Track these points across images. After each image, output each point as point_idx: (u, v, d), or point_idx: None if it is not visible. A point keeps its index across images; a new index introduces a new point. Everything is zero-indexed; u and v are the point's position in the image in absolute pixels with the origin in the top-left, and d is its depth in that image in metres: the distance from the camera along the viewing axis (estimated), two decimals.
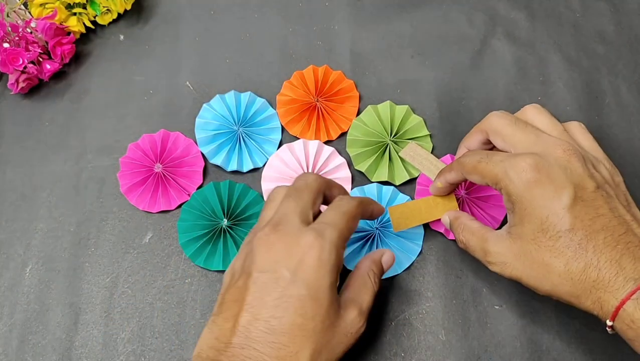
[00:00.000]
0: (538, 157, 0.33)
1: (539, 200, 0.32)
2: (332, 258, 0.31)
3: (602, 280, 0.31)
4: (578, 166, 0.33)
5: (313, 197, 0.35)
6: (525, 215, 0.33)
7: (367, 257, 0.37)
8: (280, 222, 0.33)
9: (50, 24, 0.47)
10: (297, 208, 0.33)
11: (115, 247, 0.44)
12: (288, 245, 0.31)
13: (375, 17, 0.52)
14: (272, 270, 0.31)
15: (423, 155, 0.45)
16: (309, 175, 0.37)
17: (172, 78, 0.50)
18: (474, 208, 0.44)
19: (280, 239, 0.32)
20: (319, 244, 0.31)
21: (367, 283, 0.35)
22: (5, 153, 0.48)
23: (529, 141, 0.35)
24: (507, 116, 0.37)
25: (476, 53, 0.51)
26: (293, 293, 0.30)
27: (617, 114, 0.49)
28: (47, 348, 0.42)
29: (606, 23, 0.52)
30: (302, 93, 0.48)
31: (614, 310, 0.31)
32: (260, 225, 0.35)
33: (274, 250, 0.31)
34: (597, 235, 0.31)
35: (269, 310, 0.30)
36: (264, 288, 0.30)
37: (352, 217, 0.34)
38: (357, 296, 0.34)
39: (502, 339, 0.42)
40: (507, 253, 0.34)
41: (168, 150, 0.46)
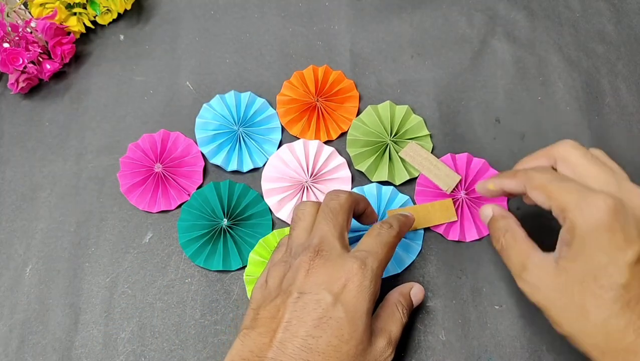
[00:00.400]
0: (619, 201, 0.31)
1: (602, 246, 0.30)
2: (372, 286, 0.33)
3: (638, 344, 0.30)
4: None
5: (347, 218, 0.36)
6: (582, 253, 0.31)
7: (396, 289, 0.38)
8: (322, 247, 0.34)
9: (50, 24, 0.47)
10: (336, 232, 0.35)
11: (115, 247, 0.44)
12: (331, 270, 0.33)
13: (375, 17, 0.52)
14: (314, 292, 0.32)
15: (423, 155, 0.45)
16: (341, 194, 0.37)
17: (172, 78, 0.50)
18: (473, 208, 0.44)
19: (323, 264, 0.33)
20: (362, 272, 0.32)
21: (396, 314, 0.36)
22: (5, 153, 0.48)
23: (605, 180, 0.33)
24: (581, 147, 0.35)
25: (476, 53, 0.51)
26: (333, 315, 0.31)
27: (617, 114, 0.49)
28: (47, 348, 0.42)
29: (606, 23, 0.52)
30: (302, 93, 0.48)
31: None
32: (294, 244, 0.35)
33: (316, 274, 0.33)
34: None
35: (307, 329, 0.31)
36: (304, 308, 0.31)
37: (391, 248, 0.35)
38: (387, 326, 0.35)
39: (502, 339, 0.42)
40: (546, 280, 0.33)
41: (168, 150, 0.46)
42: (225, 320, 0.42)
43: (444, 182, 0.44)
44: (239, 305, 0.42)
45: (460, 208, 0.44)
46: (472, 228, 0.44)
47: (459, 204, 0.44)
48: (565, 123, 0.48)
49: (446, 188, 0.44)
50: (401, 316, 0.36)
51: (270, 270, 0.36)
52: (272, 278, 0.35)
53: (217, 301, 0.43)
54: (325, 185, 0.45)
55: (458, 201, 0.44)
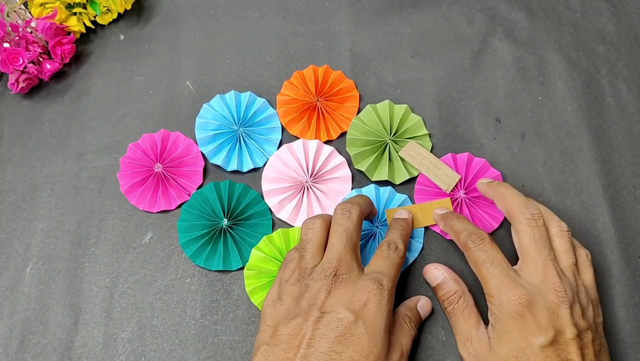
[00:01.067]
0: (531, 296, 0.35)
1: (517, 333, 0.35)
2: (388, 304, 0.35)
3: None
4: (565, 313, 0.35)
5: (359, 233, 0.39)
6: (504, 337, 0.35)
7: (404, 304, 0.40)
8: (341, 270, 0.36)
9: (50, 24, 0.47)
10: (352, 251, 0.37)
11: (115, 247, 0.44)
12: (351, 290, 0.35)
13: (375, 17, 0.52)
14: (335, 311, 0.34)
15: (423, 155, 0.45)
16: (352, 210, 0.38)
17: (172, 78, 0.50)
18: (472, 208, 0.44)
19: (344, 286, 0.35)
20: (380, 292, 0.35)
21: (404, 327, 0.38)
22: (6, 153, 0.48)
23: (536, 268, 0.36)
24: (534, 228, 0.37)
25: (476, 53, 0.51)
26: (354, 332, 0.33)
27: (617, 114, 0.49)
28: (47, 348, 0.42)
29: (606, 23, 0.52)
30: (302, 93, 0.48)
31: None
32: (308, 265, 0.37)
33: (338, 295, 0.35)
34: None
35: (330, 345, 0.33)
36: (327, 325, 0.34)
37: (399, 267, 0.38)
38: (398, 339, 0.37)
39: None
40: (483, 355, 0.36)
41: (168, 150, 0.46)
42: (225, 320, 0.42)
43: (444, 182, 0.44)
44: (239, 305, 0.43)
45: (459, 208, 0.44)
46: None
47: (458, 203, 0.44)
48: (565, 123, 0.48)
49: (446, 187, 0.44)
50: (409, 329, 0.38)
51: (285, 288, 0.37)
52: (288, 296, 0.37)
53: (217, 301, 0.43)
54: (326, 184, 0.45)
55: (457, 200, 0.44)
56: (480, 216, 0.44)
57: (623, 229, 0.45)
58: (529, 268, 0.37)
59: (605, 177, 0.46)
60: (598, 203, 0.45)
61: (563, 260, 0.37)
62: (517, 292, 0.35)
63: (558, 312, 0.35)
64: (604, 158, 0.47)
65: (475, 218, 0.44)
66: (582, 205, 0.45)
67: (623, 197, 0.46)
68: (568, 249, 0.38)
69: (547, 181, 0.46)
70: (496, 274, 0.36)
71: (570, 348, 0.34)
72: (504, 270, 0.36)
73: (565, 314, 0.35)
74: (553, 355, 0.34)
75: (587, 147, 0.47)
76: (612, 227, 0.45)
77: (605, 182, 0.46)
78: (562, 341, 0.34)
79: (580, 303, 0.36)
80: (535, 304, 0.35)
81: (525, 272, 0.37)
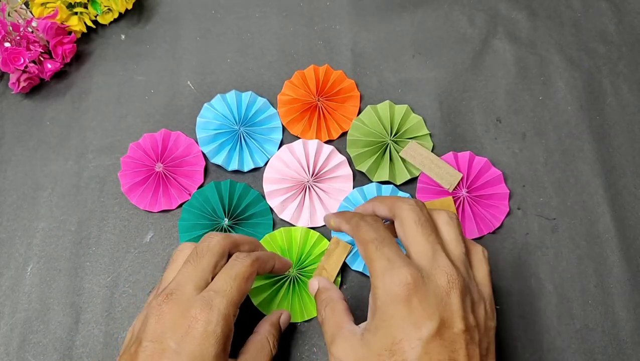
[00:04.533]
0: (420, 277, 0.31)
1: (399, 320, 0.30)
2: (219, 329, 0.31)
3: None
4: (456, 302, 0.30)
5: (214, 261, 0.34)
6: (381, 327, 0.31)
7: (266, 320, 0.38)
8: (174, 290, 0.32)
9: (51, 24, 0.47)
10: (194, 275, 0.33)
11: (116, 247, 0.44)
12: (177, 315, 0.31)
13: (376, 16, 0.52)
14: (158, 341, 0.31)
15: (424, 155, 0.45)
16: (214, 236, 0.35)
17: (173, 77, 0.50)
18: (474, 207, 0.44)
19: (171, 309, 0.32)
20: (205, 316, 0.31)
21: (266, 347, 0.36)
22: (7, 152, 0.48)
23: (424, 251, 0.32)
24: (418, 213, 0.34)
25: (477, 53, 0.51)
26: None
27: (618, 114, 0.49)
28: (48, 347, 0.42)
29: (607, 23, 0.52)
30: (303, 92, 0.48)
31: None
32: (160, 288, 0.35)
33: (163, 320, 0.31)
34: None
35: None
36: (150, 357, 0.30)
37: (243, 280, 0.33)
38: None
39: (502, 339, 0.42)
40: (350, 355, 0.32)
41: (169, 149, 0.46)
42: None
43: (446, 180, 0.44)
44: None
45: (461, 207, 0.44)
46: (472, 227, 0.44)
47: (460, 202, 0.44)
48: (566, 123, 0.48)
49: (448, 186, 0.44)
50: (271, 348, 0.36)
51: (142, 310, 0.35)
52: (137, 320, 0.34)
53: None
54: (327, 183, 0.45)
55: (459, 199, 0.44)
56: (483, 215, 0.44)
57: (624, 229, 0.45)
58: (415, 253, 0.32)
59: (606, 177, 0.46)
60: (599, 203, 0.45)
61: (453, 248, 0.33)
62: (405, 271, 0.31)
63: (447, 300, 0.30)
64: (605, 158, 0.47)
65: (478, 217, 0.44)
66: (582, 205, 0.45)
67: (624, 197, 0.46)
68: (457, 237, 0.34)
69: (548, 181, 0.46)
70: (385, 252, 0.32)
71: (456, 345, 0.30)
72: (393, 249, 0.32)
73: (455, 303, 0.30)
74: (434, 351, 0.29)
75: (588, 147, 0.47)
76: (612, 227, 0.45)
77: (606, 182, 0.46)
78: (446, 337, 0.30)
79: (471, 296, 0.32)
80: (424, 287, 0.30)
81: (413, 257, 0.32)
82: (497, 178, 0.45)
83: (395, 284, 0.30)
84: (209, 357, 0.31)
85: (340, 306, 0.35)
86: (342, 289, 0.43)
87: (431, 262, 0.32)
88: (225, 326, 0.32)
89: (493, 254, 0.44)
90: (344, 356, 0.32)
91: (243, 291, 0.33)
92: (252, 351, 0.35)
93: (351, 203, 0.44)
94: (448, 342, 0.30)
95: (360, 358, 0.31)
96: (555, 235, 0.45)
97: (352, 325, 0.34)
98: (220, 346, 0.31)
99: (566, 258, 0.44)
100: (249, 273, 0.34)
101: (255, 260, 0.35)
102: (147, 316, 0.32)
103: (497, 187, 0.45)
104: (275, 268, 0.38)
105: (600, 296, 0.43)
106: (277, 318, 0.38)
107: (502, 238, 0.44)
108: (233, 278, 0.33)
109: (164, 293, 0.32)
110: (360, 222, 0.35)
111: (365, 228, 0.34)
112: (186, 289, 0.32)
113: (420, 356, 0.29)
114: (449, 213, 0.35)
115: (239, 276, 0.33)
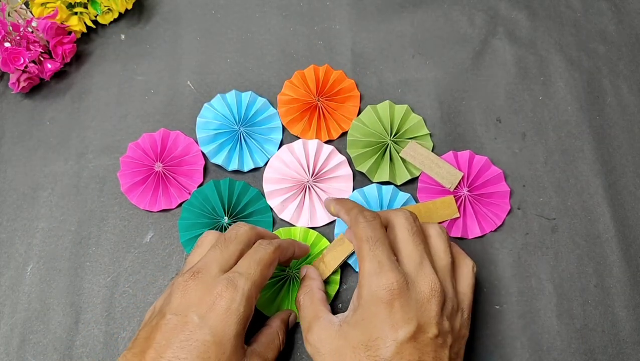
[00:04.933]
0: (405, 283, 0.33)
1: (379, 320, 0.32)
2: (241, 308, 0.33)
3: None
4: (433, 310, 0.33)
5: (240, 248, 0.36)
6: (360, 323, 0.33)
7: (278, 316, 0.40)
8: (201, 270, 0.34)
9: (51, 24, 0.47)
10: (221, 258, 0.35)
11: (116, 246, 0.44)
12: (202, 292, 0.33)
13: (376, 16, 0.52)
14: (183, 314, 0.32)
15: (424, 154, 0.45)
16: (242, 226, 0.37)
17: (173, 77, 0.50)
18: (476, 205, 0.44)
19: (196, 286, 0.33)
20: (229, 294, 0.32)
21: (276, 340, 0.37)
22: (7, 152, 0.48)
23: (413, 257, 0.34)
24: (411, 222, 0.36)
25: (477, 53, 0.51)
26: (199, 338, 0.31)
27: (618, 114, 0.49)
28: (48, 347, 0.42)
29: (607, 23, 0.52)
30: (303, 92, 0.48)
31: None
32: (184, 269, 0.36)
33: (188, 295, 0.33)
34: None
35: (174, 350, 0.31)
36: (173, 329, 0.32)
37: (266, 265, 0.35)
38: (264, 351, 0.36)
39: (502, 339, 0.42)
40: (326, 343, 0.34)
41: (168, 149, 0.46)
42: None
43: (447, 180, 0.44)
44: None
45: (463, 206, 0.44)
46: (474, 225, 0.44)
47: (461, 201, 0.44)
48: (566, 123, 0.48)
49: (449, 185, 0.44)
50: (280, 343, 0.38)
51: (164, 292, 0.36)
52: (159, 299, 0.36)
53: None
54: (327, 183, 0.45)
55: (461, 198, 0.44)
56: (484, 213, 0.44)
57: (624, 229, 0.45)
58: (404, 258, 0.35)
59: (606, 177, 0.46)
60: (599, 204, 0.45)
61: (439, 259, 0.36)
62: (392, 276, 0.33)
63: (426, 306, 0.33)
64: (605, 158, 0.47)
65: (480, 215, 0.44)
66: (582, 205, 0.45)
67: (624, 197, 0.46)
68: (445, 249, 0.36)
69: (548, 181, 0.46)
70: (377, 254, 0.34)
71: (427, 348, 0.32)
72: (385, 252, 0.34)
73: (433, 310, 0.33)
74: (406, 352, 0.32)
75: (588, 147, 0.47)
76: (612, 227, 0.45)
77: (606, 182, 0.46)
78: (420, 340, 0.32)
79: (450, 304, 0.34)
80: (407, 292, 0.33)
81: (401, 262, 0.35)
82: (497, 176, 0.45)
83: (380, 287, 0.33)
84: (230, 335, 0.32)
85: (318, 295, 0.38)
86: (341, 289, 0.43)
87: (417, 269, 0.34)
88: (247, 306, 0.33)
89: (493, 255, 0.44)
90: (319, 344, 0.34)
91: (265, 275, 0.35)
92: (264, 341, 0.37)
93: None
94: (421, 345, 0.32)
95: (336, 347, 0.33)
96: (555, 235, 0.45)
97: (329, 315, 0.36)
98: (240, 325, 0.33)
99: (566, 258, 0.44)
100: (272, 260, 0.36)
101: (277, 247, 0.36)
102: (172, 292, 0.34)
103: (497, 185, 0.45)
104: (295, 254, 0.40)
105: (600, 296, 0.43)
106: (287, 316, 0.40)
107: (502, 238, 0.44)
108: (257, 263, 0.35)
109: (190, 271, 0.34)
110: (359, 216, 0.36)
111: (363, 224, 0.36)
112: (212, 269, 0.34)
113: (393, 355, 0.31)
114: (440, 226, 0.37)
115: (262, 261, 0.35)
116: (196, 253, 0.37)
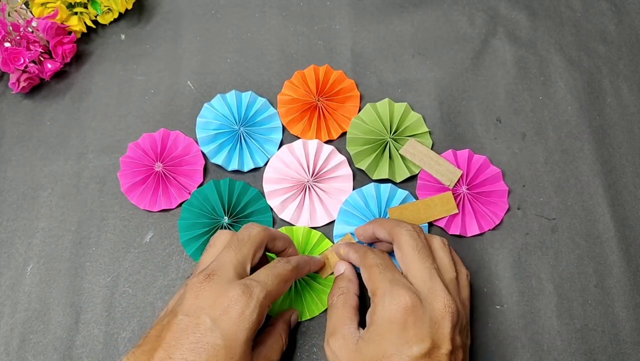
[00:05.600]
0: (418, 301, 0.33)
1: (393, 337, 0.33)
2: (254, 315, 0.33)
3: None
4: (447, 326, 0.33)
5: (254, 250, 0.36)
6: (375, 340, 0.33)
7: (280, 317, 0.40)
8: (215, 271, 0.34)
9: (51, 24, 0.47)
10: (235, 260, 0.35)
11: (116, 246, 0.44)
12: (216, 294, 0.33)
13: (376, 16, 0.52)
14: (195, 315, 0.32)
15: (423, 152, 0.45)
16: (254, 226, 0.37)
17: (173, 77, 0.50)
18: (474, 204, 0.44)
19: (210, 288, 0.33)
20: (244, 300, 0.32)
21: (279, 341, 0.38)
22: (7, 152, 0.48)
23: (422, 275, 0.35)
24: (416, 238, 0.37)
25: (477, 53, 0.51)
26: (209, 341, 0.31)
27: (618, 114, 0.49)
28: (48, 347, 0.42)
29: (607, 23, 0.52)
30: (303, 92, 0.48)
31: None
32: (198, 269, 0.36)
33: (201, 297, 0.33)
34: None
35: (183, 351, 0.31)
36: (184, 330, 0.32)
37: (283, 280, 0.35)
38: (269, 353, 0.36)
39: (502, 339, 0.42)
40: (345, 353, 0.35)
41: (168, 149, 0.46)
42: None
43: (446, 177, 0.44)
44: None
45: (461, 203, 0.44)
46: (473, 223, 0.44)
47: (460, 199, 0.44)
48: (566, 123, 0.48)
49: (448, 183, 0.44)
50: (283, 343, 0.38)
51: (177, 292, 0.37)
52: (173, 298, 0.36)
53: None
54: (327, 183, 0.45)
55: (460, 196, 0.44)
56: (483, 212, 0.44)
57: (624, 229, 0.45)
58: (414, 277, 0.35)
59: (606, 177, 0.46)
60: (599, 204, 0.45)
61: (445, 272, 0.36)
62: (405, 294, 0.33)
63: (441, 323, 0.33)
64: (604, 158, 0.47)
65: (478, 213, 0.44)
66: (582, 205, 0.45)
67: (624, 197, 0.46)
68: (450, 262, 0.37)
69: (548, 181, 0.46)
70: (388, 275, 0.35)
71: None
72: (396, 274, 0.35)
73: (447, 327, 0.33)
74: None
75: (588, 147, 0.47)
76: (612, 227, 0.45)
77: (606, 182, 0.46)
78: (433, 356, 0.32)
79: (461, 320, 0.35)
80: (421, 311, 0.33)
81: (411, 281, 0.35)
82: (496, 175, 0.45)
83: (394, 305, 0.33)
84: (241, 340, 0.32)
85: (352, 301, 0.38)
86: None
87: (428, 286, 0.34)
88: (260, 315, 0.33)
89: (493, 256, 0.44)
90: (339, 353, 0.35)
91: (280, 290, 0.35)
92: (269, 342, 0.37)
93: (351, 206, 0.44)
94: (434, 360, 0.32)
95: None
96: (555, 235, 0.45)
97: (354, 326, 0.36)
98: (251, 332, 0.33)
99: (566, 258, 0.44)
100: (288, 277, 0.36)
101: (295, 266, 0.37)
102: (185, 292, 0.33)
103: (496, 184, 0.45)
104: (311, 271, 0.41)
105: (600, 296, 0.43)
106: (289, 316, 0.40)
107: (502, 238, 0.44)
108: (275, 276, 0.35)
109: (205, 272, 0.34)
110: (368, 251, 0.38)
111: (372, 255, 0.37)
112: (227, 272, 0.34)
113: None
114: (442, 239, 0.38)
115: (280, 276, 0.35)
116: (209, 253, 0.37)
